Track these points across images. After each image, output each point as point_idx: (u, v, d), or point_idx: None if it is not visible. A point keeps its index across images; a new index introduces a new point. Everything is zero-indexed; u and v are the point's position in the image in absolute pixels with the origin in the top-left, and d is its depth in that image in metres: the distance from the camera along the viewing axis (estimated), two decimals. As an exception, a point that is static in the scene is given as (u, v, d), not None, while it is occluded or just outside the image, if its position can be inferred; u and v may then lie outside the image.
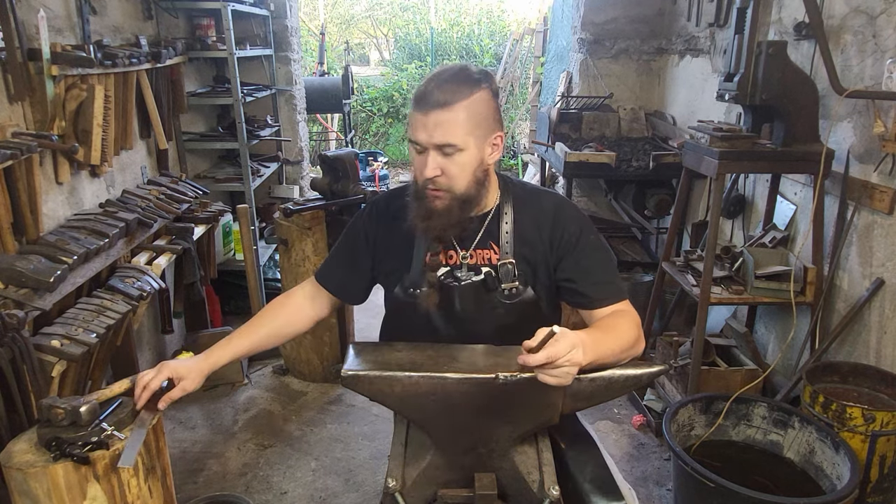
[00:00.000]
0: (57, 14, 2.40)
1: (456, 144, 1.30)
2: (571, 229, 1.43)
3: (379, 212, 1.54)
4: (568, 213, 1.46)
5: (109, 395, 1.71)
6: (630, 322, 1.36)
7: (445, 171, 1.33)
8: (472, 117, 1.31)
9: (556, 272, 1.45)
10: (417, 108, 1.31)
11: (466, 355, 1.33)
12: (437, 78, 1.32)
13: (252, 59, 4.11)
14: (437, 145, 1.30)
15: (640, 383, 1.33)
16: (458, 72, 1.33)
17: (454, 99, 1.28)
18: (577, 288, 1.43)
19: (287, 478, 2.56)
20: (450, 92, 1.28)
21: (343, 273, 1.57)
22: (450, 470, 1.33)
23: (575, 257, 1.43)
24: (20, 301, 1.88)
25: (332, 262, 1.59)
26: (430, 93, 1.29)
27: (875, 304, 2.26)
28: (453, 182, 1.34)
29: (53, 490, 1.53)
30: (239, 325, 1.63)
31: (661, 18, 4.10)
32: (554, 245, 1.44)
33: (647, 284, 3.44)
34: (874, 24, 2.25)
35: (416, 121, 1.32)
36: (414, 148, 1.35)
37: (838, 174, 2.39)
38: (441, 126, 1.29)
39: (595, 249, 1.45)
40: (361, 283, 1.57)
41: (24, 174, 2.05)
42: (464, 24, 10.44)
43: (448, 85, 1.29)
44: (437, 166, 1.32)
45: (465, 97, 1.29)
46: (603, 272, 1.44)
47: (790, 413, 2.23)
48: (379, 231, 1.53)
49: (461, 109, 1.29)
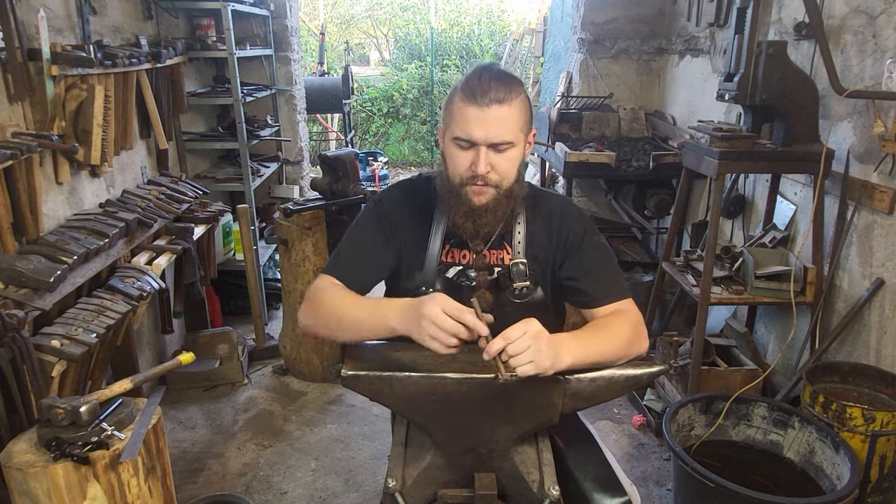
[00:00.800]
0: (57, 14, 2.40)
1: (511, 141, 1.31)
2: (576, 229, 1.45)
3: (388, 209, 1.48)
4: (572, 213, 1.48)
5: (109, 395, 1.71)
6: (625, 321, 1.36)
7: (496, 167, 1.31)
8: (523, 114, 1.32)
9: (560, 270, 1.46)
10: (473, 102, 1.27)
11: (466, 355, 1.32)
12: (488, 74, 1.30)
13: (252, 59, 4.11)
14: (495, 142, 1.29)
15: (639, 383, 1.32)
16: (503, 71, 1.33)
17: (510, 96, 1.29)
18: (579, 286, 1.44)
19: (287, 478, 2.56)
20: (505, 89, 1.28)
21: (367, 270, 1.46)
22: (450, 470, 1.33)
23: (578, 257, 1.44)
24: (20, 301, 1.88)
25: (351, 261, 1.47)
26: (487, 88, 1.27)
27: (875, 304, 2.26)
28: (503, 177, 1.33)
29: (53, 490, 1.53)
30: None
31: (661, 18, 4.10)
32: (560, 244, 1.45)
33: (647, 284, 3.44)
34: (874, 24, 2.25)
35: (469, 115, 1.28)
36: (458, 144, 1.32)
37: (838, 174, 2.39)
38: (501, 122, 1.28)
39: (597, 249, 1.46)
40: (377, 280, 1.49)
41: (24, 174, 2.05)
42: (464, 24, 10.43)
43: (502, 82, 1.29)
44: (488, 162, 1.30)
45: (518, 95, 1.30)
46: (605, 271, 1.45)
47: (790, 413, 2.23)
48: (395, 227, 1.47)
49: (516, 106, 1.30)
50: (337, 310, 1.33)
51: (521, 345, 1.13)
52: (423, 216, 1.45)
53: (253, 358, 3.45)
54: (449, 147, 1.35)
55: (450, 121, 1.33)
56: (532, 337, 1.14)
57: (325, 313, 1.34)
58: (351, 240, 1.48)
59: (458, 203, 1.35)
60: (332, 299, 1.35)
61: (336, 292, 1.37)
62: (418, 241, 1.44)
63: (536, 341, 1.14)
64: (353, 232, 1.48)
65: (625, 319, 1.37)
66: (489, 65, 1.34)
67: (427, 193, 1.46)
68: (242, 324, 3.72)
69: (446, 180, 1.37)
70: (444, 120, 1.37)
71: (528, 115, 1.35)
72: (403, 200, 1.48)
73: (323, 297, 1.37)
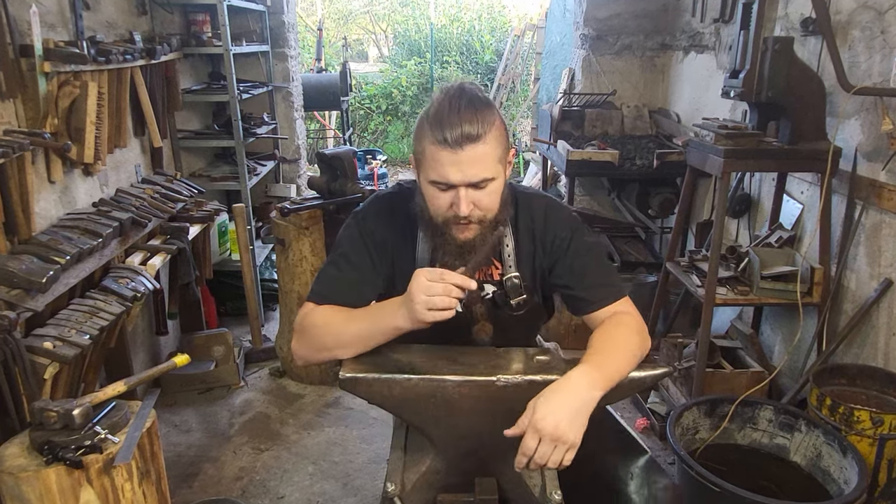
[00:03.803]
0: (49, 9, 2.37)
1: (491, 176, 1.23)
2: (562, 233, 1.39)
3: (372, 228, 1.39)
4: (557, 216, 1.41)
5: (103, 398, 1.69)
6: (628, 329, 1.31)
7: (478, 204, 1.24)
8: (499, 144, 1.24)
9: (550, 276, 1.42)
10: (445, 146, 1.18)
11: (466, 357, 1.31)
12: (454, 107, 1.20)
13: (248, 56, 4.08)
14: (473, 182, 1.22)
15: (643, 386, 1.30)
16: (472, 97, 1.22)
17: (483, 129, 1.19)
18: (573, 293, 1.39)
19: (284, 482, 2.53)
20: (477, 122, 1.19)
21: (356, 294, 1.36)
22: (450, 474, 1.32)
23: (568, 262, 1.38)
24: (12, 302, 1.86)
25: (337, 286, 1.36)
26: (455, 126, 1.18)
27: (883, 305, 2.24)
28: (486, 211, 1.27)
29: (46, 494, 1.54)
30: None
31: (665, 14, 4.08)
32: (546, 251, 1.40)
33: (651, 285, 3.43)
34: (882, 20, 2.23)
35: (442, 159, 1.19)
36: (436, 186, 1.24)
37: (846, 173, 2.37)
38: (477, 161, 1.20)
39: (588, 251, 1.40)
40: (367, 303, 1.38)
41: (16, 173, 2.03)
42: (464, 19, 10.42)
43: (471, 114, 1.19)
44: (470, 201, 1.23)
45: (491, 125, 1.21)
46: (597, 274, 1.39)
47: (797, 416, 2.21)
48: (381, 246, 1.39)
49: (491, 140, 1.21)
50: (332, 328, 1.27)
51: (543, 453, 1.13)
52: (407, 234, 1.38)
53: (249, 360, 3.42)
54: (427, 188, 1.27)
55: (422, 160, 1.25)
56: (551, 439, 1.12)
57: (319, 335, 1.28)
58: (334, 262, 1.38)
59: (444, 242, 1.30)
60: (324, 319, 1.29)
61: (326, 312, 1.31)
62: (406, 259, 1.37)
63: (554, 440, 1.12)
64: (336, 254, 1.39)
65: (627, 327, 1.32)
66: (457, 92, 1.23)
67: (409, 209, 1.36)
68: (238, 325, 3.69)
69: (428, 218, 1.30)
70: (416, 155, 1.28)
71: (505, 140, 1.26)
72: (388, 217, 1.39)
73: (314, 321, 1.30)
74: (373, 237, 1.38)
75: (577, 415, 1.14)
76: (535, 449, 1.12)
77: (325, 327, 1.28)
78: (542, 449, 1.12)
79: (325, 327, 1.28)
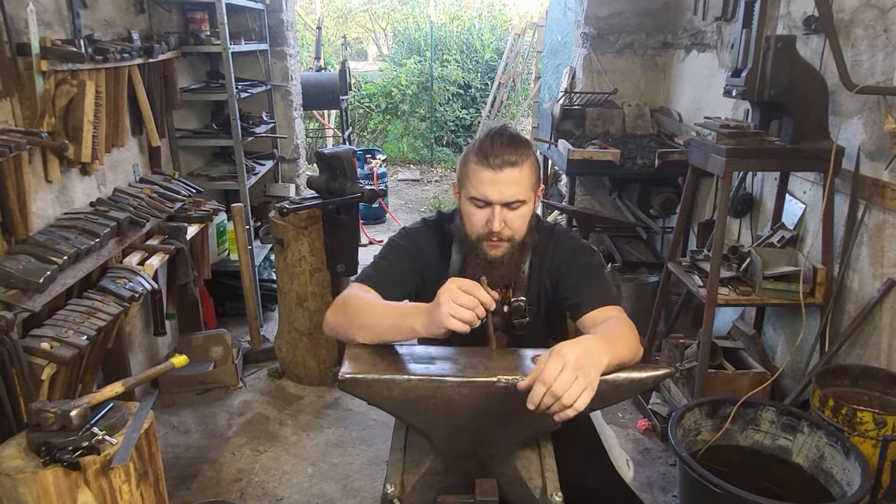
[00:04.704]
0: (46, 7, 2.36)
1: (524, 199, 1.45)
2: (565, 256, 1.56)
3: (416, 240, 1.61)
4: (563, 241, 1.59)
5: (100, 399, 1.69)
6: (623, 323, 1.38)
7: (509, 223, 1.46)
8: (533, 173, 1.47)
9: (555, 293, 1.56)
10: (487, 165, 1.42)
11: (466, 358, 1.31)
12: (500, 138, 1.44)
13: (247, 54, 4.07)
14: (508, 202, 1.43)
15: (645, 387, 1.29)
16: (513, 135, 1.47)
17: (521, 159, 1.43)
18: (571, 299, 1.51)
19: (283, 484, 2.52)
20: (518, 152, 1.43)
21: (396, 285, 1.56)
22: (450, 475, 1.32)
23: (569, 276, 1.53)
24: (9, 302, 1.86)
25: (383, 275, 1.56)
26: (500, 152, 1.42)
27: (886, 306, 2.23)
28: (515, 232, 1.48)
29: (43, 496, 1.54)
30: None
31: (667, 12, 4.07)
32: (552, 273, 1.57)
33: (653, 285, 3.42)
34: (885, 19, 2.22)
35: (483, 178, 1.42)
36: (474, 203, 1.46)
37: (848, 172, 2.36)
38: (514, 184, 1.43)
39: (587, 265, 1.54)
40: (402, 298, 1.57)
41: (13, 172, 2.02)
42: (464, 18, 10.38)
43: (512, 146, 1.43)
44: (503, 220, 1.44)
45: (529, 157, 1.46)
46: (594, 282, 1.51)
47: (799, 417, 2.20)
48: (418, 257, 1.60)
49: (527, 168, 1.45)
50: (369, 307, 1.41)
51: (565, 381, 1.08)
52: (443, 249, 1.60)
53: (248, 361, 3.41)
54: (466, 205, 1.49)
55: (465, 181, 1.48)
56: (573, 367, 1.09)
57: (355, 310, 1.40)
58: (384, 257, 1.61)
59: (475, 257, 1.50)
60: (366, 300, 1.45)
61: (369, 296, 1.47)
62: (438, 272, 1.57)
63: (577, 368, 1.09)
64: (384, 252, 1.62)
65: (620, 322, 1.39)
66: (501, 128, 1.47)
67: (446, 230, 1.61)
68: (237, 326, 3.67)
69: (465, 236, 1.52)
70: (461, 180, 1.51)
71: (538, 173, 1.50)
72: (430, 235, 1.63)
73: (358, 298, 1.45)
74: (415, 246, 1.60)
75: (595, 362, 1.13)
76: (556, 376, 1.07)
77: (364, 306, 1.41)
78: (564, 377, 1.07)
79: (364, 306, 1.41)
